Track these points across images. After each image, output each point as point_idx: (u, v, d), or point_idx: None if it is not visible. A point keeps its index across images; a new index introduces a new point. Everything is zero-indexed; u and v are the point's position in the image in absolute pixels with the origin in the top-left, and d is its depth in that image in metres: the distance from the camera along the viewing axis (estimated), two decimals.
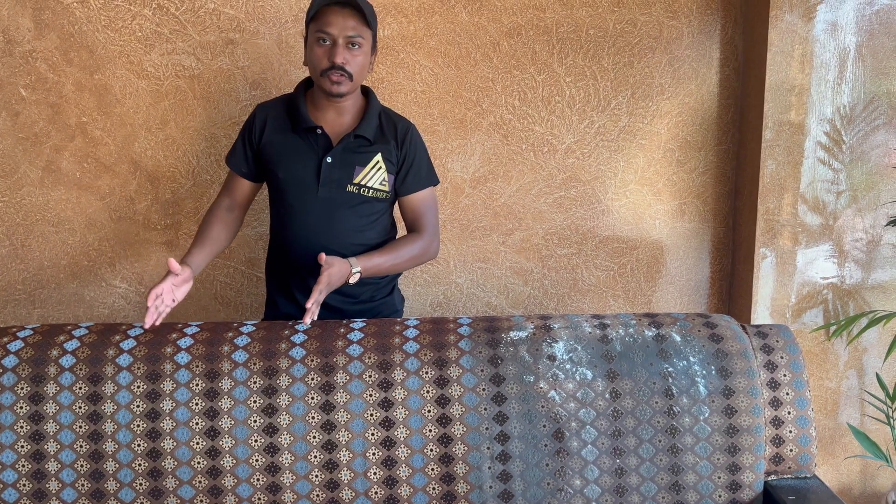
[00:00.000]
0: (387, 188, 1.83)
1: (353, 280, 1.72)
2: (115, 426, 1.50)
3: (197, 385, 1.52)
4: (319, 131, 1.79)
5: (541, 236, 2.39)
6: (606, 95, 2.32)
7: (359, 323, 1.67)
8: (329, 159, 1.79)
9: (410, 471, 1.51)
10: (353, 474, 1.51)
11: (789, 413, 1.59)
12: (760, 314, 2.28)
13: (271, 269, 1.93)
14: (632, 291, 2.44)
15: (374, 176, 1.81)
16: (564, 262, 2.41)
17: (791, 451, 1.59)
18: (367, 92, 1.87)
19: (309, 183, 1.79)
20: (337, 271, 1.68)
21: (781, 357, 1.63)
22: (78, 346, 1.56)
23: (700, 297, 2.46)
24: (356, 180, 1.80)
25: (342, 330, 1.63)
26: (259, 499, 1.50)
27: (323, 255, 1.66)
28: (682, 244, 2.42)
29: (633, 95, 2.32)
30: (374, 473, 1.51)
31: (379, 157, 1.82)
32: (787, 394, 1.60)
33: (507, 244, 2.39)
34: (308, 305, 1.61)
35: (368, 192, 1.81)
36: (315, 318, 1.65)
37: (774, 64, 2.16)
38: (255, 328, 1.64)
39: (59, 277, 2.32)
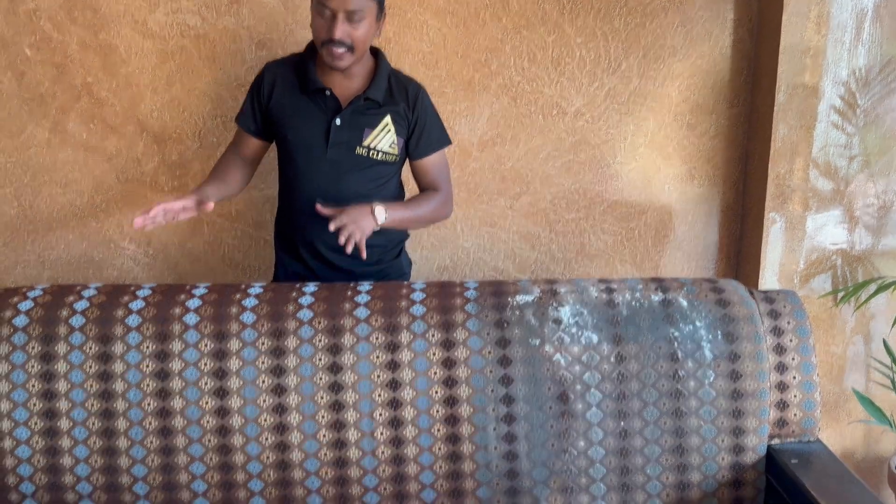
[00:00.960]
0: (395, 151, 1.82)
1: (378, 217, 1.70)
2: (126, 385, 1.52)
3: (206, 346, 1.54)
4: (328, 93, 1.78)
5: (548, 200, 2.38)
6: (617, 57, 2.28)
7: (366, 286, 1.67)
8: (338, 122, 1.77)
9: (417, 431, 1.53)
10: (360, 434, 1.53)
11: (794, 378, 1.60)
12: (768, 279, 2.28)
13: (279, 230, 1.94)
14: (639, 256, 2.43)
15: (384, 139, 1.80)
16: (572, 227, 2.40)
17: (795, 415, 1.60)
18: (376, 53, 1.85)
19: (317, 145, 1.78)
20: (353, 209, 1.66)
21: (788, 322, 1.63)
22: (87, 307, 1.58)
23: (708, 262, 2.45)
24: (365, 143, 1.79)
25: (349, 293, 1.64)
26: (268, 457, 1.52)
27: (319, 206, 1.66)
28: (690, 209, 2.41)
29: (644, 57, 2.28)
30: (381, 433, 1.53)
31: (388, 119, 1.80)
32: (793, 359, 1.60)
33: (514, 208, 2.38)
34: (331, 228, 1.62)
35: (377, 155, 1.80)
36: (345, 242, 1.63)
37: (790, 25, 2.12)
38: (263, 290, 1.64)
39: (68, 238, 2.33)
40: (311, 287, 1.66)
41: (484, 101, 2.30)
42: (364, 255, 1.64)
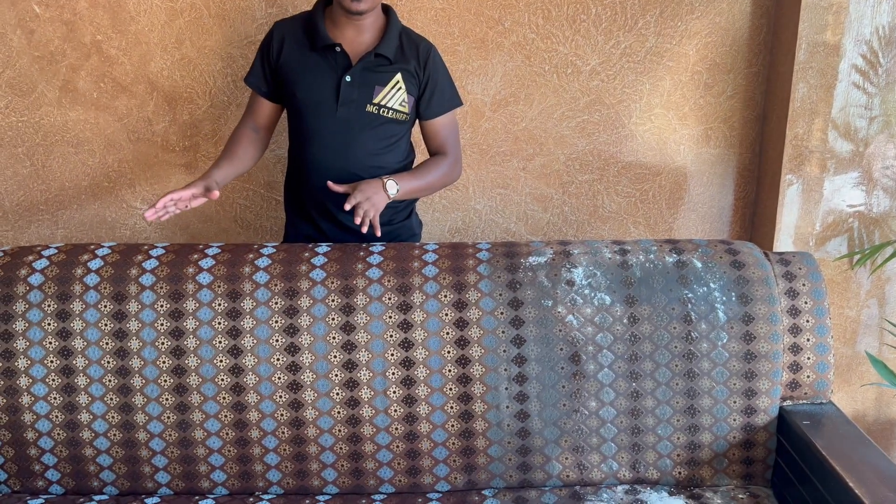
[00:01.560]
0: (406, 109, 1.80)
1: (391, 191, 1.68)
2: (141, 343, 1.53)
3: (219, 305, 1.55)
4: (338, 49, 1.75)
5: (562, 162, 2.35)
6: (634, 14, 2.23)
7: (378, 247, 1.67)
8: (348, 78, 1.75)
9: (429, 390, 1.54)
10: (372, 393, 1.54)
11: (808, 340, 1.59)
12: (783, 242, 2.25)
13: (289, 191, 1.93)
14: (653, 219, 2.41)
15: (394, 96, 1.78)
16: (585, 189, 2.38)
17: (808, 377, 1.60)
18: (387, 10, 1.82)
19: (327, 103, 1.76)
20: (365, 185, 1.65)
21: (803, 284, 1.62)
22: (102, 266, 1.58)
23: (723, 225, 2.43)
24: (375, 100, 1.77)
25: (362, 253, 1.64)
26: (282, 415, 1.54)
27: (330, 183, 1.65)
28: (706, 170, 2.37)
29: (661, 14, 2.23)
30: (394, 392, 1.54)
31: (399, 76, 1.78)
32: (807, 321, 1.60)
33: (527, 170, 2.36)
34: (346, 207, 1.60)
35: (388, 113, 1.78)
36: (365, 223, 1.61)
37: None
38: (275, 250, 1.65)
39: (81, 198, 2.33)
40: (323, 247, 1.66)
41: (497, 60, 2.26)
42: (379, 232, 1.63)
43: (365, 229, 1.60)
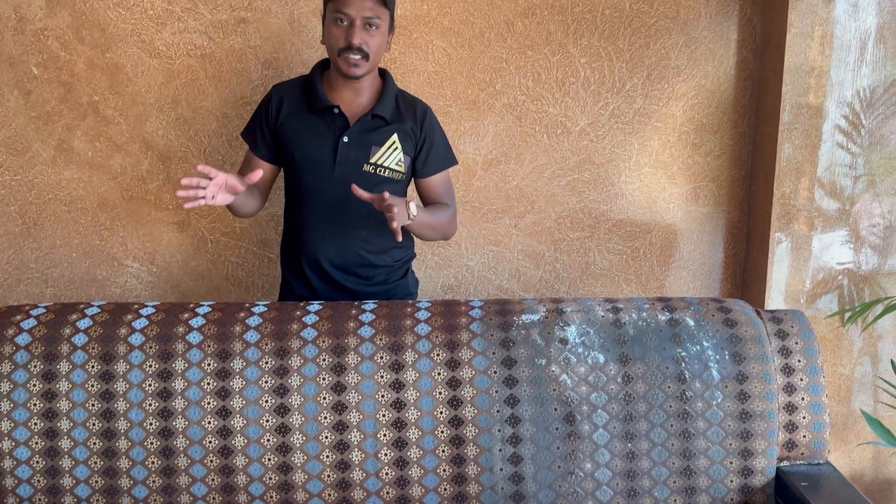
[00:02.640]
0: (402, 169, 1.83)
1: (412, 211, 1.68)
2: (128, 405, 1.51)
3: (209, 365, 1.53)
4: (336, 111, 1.78)
5: (553, 219, 2.37)
6: (622, 77, 2.29)
7: (370, 304, 1.66)
8: (346, 139, 1.78)
9: (421, 453, 1.52)
10: (363, 456, 1.51)
11: (803, 399, 1.58)
12: (774, 299, 2.26)
13: (285, 251, 1.93)
14: (644, 276, 2.42)
15: (391, 156, 1.81)
16: (577, 246, 2.39)
17: (804, 437, 1.58)
18: (383, 73, 1.87)
19: (325, 163, 1.78)
20: (392, 196, 1.64)
21: (796, 342, 1.62)
22: (90, 325, 1.57)
23: (713, 282, 2.44)
24: (372, 160, 1.79)
25: (354, 311, 1.63)
26: (270, 479, 1.50)
27: (354, 187, 1.64)
28: (696, 228, 2.40)
29: (648, 77, 2.29)
30: (385, 455, 1.51)
31: (395, 137, 1.81)
32: (802, 379, 1.59)
33: (519, 227, 2.38)
34: (369, 197, 1.61)
35: (384, 173, 1.80)
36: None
37: (794, 45, 2.13)
38: (266, 309, 1.64)
39: (72, 257, 2.32)
40: (315, 306, 1.65)
41: (489, 121, 2.30)
42: (399, 237, 1.63)
43: (394, 225, 1.59)
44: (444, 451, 1.52)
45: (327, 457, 1.51)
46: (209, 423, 1.50)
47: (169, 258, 2.34)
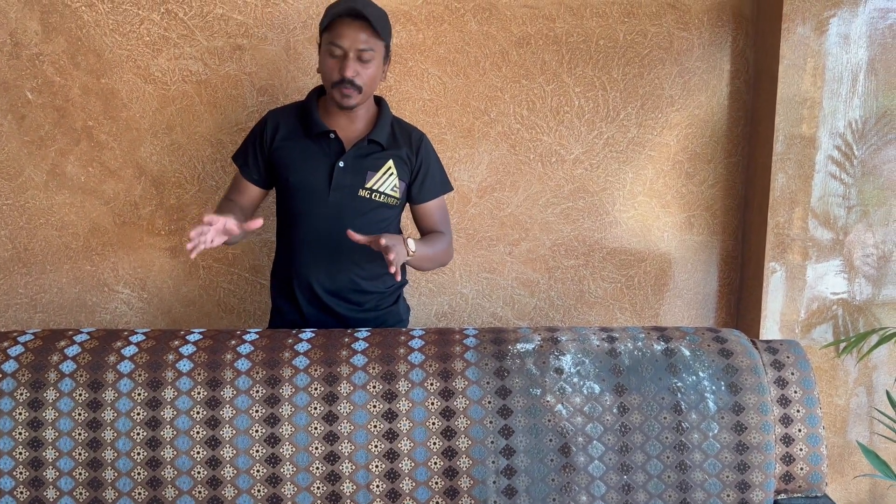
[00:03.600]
0: (397, 195, 1.82)
1: (410, 247, 1.68)
2: (115, 434, 1.48)
3: (198, 393, 1.50)
4: (332, 136, 1.78)
5: (548, 247, 2.37)
6: (616, 106, 2.30)
7: (363, 332, 1.65)
8: (341, 164, 1.78)
9: (414, 484, 1.49)
10: (355, 486, 1.48)
11: (800, 431, 1.57)
12: (769, 329, 2.25)
13: (276, 276, 1.92)
14: (639, 304, 2.41)
15: (386, 181, 1.80)
16: (571, 274, 2.39)
17: (802, 469, 1.56)
18: (379, 101, 1.87)
19: (320, 188, 1.78)
20: (389, 235, 1.63)
21: (792, 373, 1.61)
22: (79, 352, 1.54)
23: (708, 311, 2.43)
24: (368, 185, 1.79)
25: (346, 339, 1.61)
26: None
27: (350, 232, 1.61)
28: (690, 257, 2.40)
29: (642, 107, 2.30)
30: (377, 486, 1.49)
31: (391, 163, 1.81)
32: (798, 411, 1.57)
33: (513, 255, 2.37)
34: (382, 241, 1.58)
35: (379, 198, 1.80)
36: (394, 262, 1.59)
37: (786, 77, 2.15)
38: (258, 336, 1.62)
39: (62, 282, 2.30)
40: (307, 333, 1.63)
41: (483, 149, 2.31)
42: (399, 277, 1.63)
43: (393, 269, 1.58)
44: (437, 482, 1.49)
45: (318, 488, 1.48)
46: (198, 453, 1.48)
47: (160, 284, 2.32)
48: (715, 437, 1.52)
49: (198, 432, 1.48)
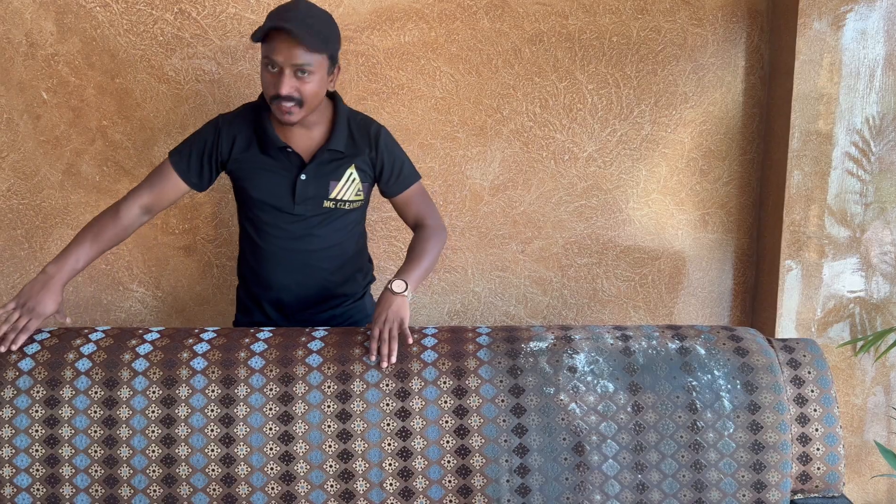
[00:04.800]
0: (362, 197, 1.80)
1: (404, 294, 1.63)
2: (130, 431, 1.49)
3: (213, 391, 1.51)
4: (290, 150, 1.73)
5: (561, 245, 2.36)
6: (629, 103, 2.29)
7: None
8: (303, 177, 1.74)
9: (427, 482, 1.49)
10: (368, 485, 1.48)
11: (817, 430, 1.55)
12: (785, 328, 2.23)
13: (244, 281, 1.89)
14: (653, 303, 2.40)
15: (349, 188, 1.78)
16: (584, 272, 2.38)
17: (818, 469, 1.55)
18: (333, 96, 1.79)
19: (284, 202, 1.75)
20: (384, 313, 1.59)
21: (809, 372, 1.59)
22: (94, 350, 1.55)
23: (723, 310, 2.41)
24: (332, 195, 1.76)
25: (359, 338, 1.61)
26: None
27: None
28: (704, 255, 2.38)
29: (656, 104, 2.29)
30: (391, 485, 1.49)
31: (352, 169, 1.77)
32: (815, 410, 1.56)
33: (526, 253, 2.36)
34: (372, 348, 1.54)
35: (345, 206, 1.78)
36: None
37: (802, 72, 2.12)
38: (272, 334, 1.62)
39: (77, 281, 2.32)
40: (320, 332, 1.64)
41: (496, 146, 2.30)
42: (410, 339, 1.58)
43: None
44: (450, 480, 1.49)
45: (332, 486, 1.48)
46: (212, 450, 1.48)
47: (174, 283, 2.33)
48: (730, 436, 1.51)
49: (212, 430, 1.49)
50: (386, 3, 2.21)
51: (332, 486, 1.48)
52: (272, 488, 1.48)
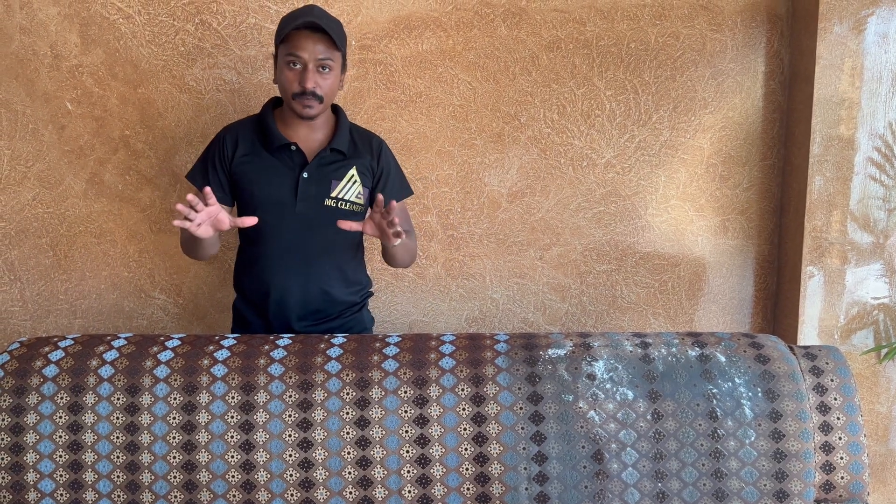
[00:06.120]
0: (361, 201, 1.84)
1: (396, 242, 1.67)
2: (152, 437, 1.50)
3: (232, 398, 1.52)
4: (293, 148, 1.78)
5: (579, 252, 2.35)
6: (647, 109, 2.28)
7: (394, 337, 1.65)
8: (305, 175, 1.78)
9: (445, 490, 1.49)
10: (387, 492, 1.49)
11: (840, 438, 1.53)
12: (807, 335, 2.21)
13: (241, 288, 1.91)
14: (673, 310, 2.38)
15: (350, 189, 1.81)
16: (603, 279, 2.37)
17: (842, 478, 1.53)
18: (336, 110, 1.88)
19: (286, 200, 1.78)
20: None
21: (832, 380, 1.57)
22: (117, 357, 1.57)
23: (744, 317, 2.39)
24: (333, 194, 1.80)
25: (378, 344, 1.62)
26: None
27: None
28: (725, 262, 2.36)
29: (675, 109, 2.28)
30: (409, 492, 1.49)
31: (354, 170, 1.82)
32: (838, 418, 1.54)
33: (544, 259, 2.36)
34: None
35: (345, 206, 1.81)
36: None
37: (823, 77, 2.10)
38: (291, 341, 1.63)
39: (100, 288, 2.35)
40: (339, 338, 1.65)
41: (514, 153, 2.30)
42: (397, 240, 1.65)
43: (396, 238, 1.63)
44: (468, 488, 1.49)
45: (350, 493, 1.49)
46: (232, 456, 1.49)
47: (195, 290, 2.36)
48: (752, 445, 1.49)
49: (232, 436, 1.50)
50: (404, 12, 2.23)
51: (350, 492, 1.49)
52: (291, 495, 1.49)
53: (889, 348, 2.13)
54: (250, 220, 1.63)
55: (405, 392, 1.52)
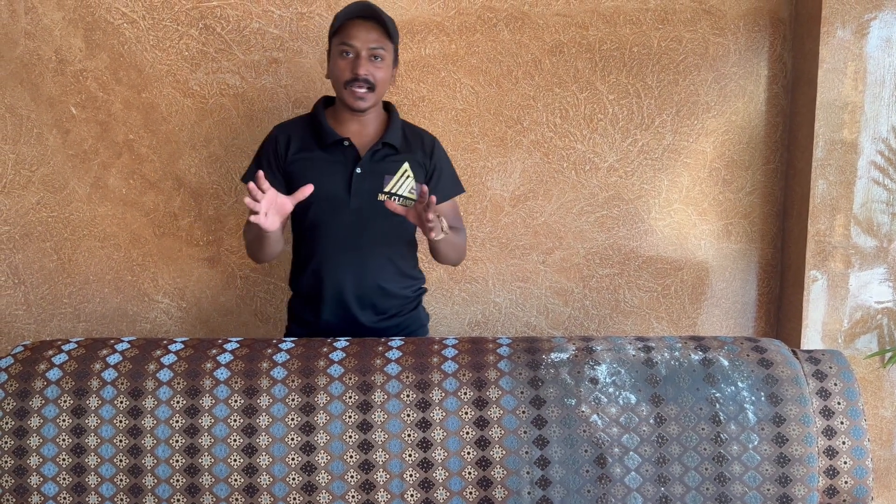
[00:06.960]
0: (415, 196, 1.83)
1: (445, 226, 1.69)
2: (155, 441, 1.50)
3: (235, 402, 1.52)
4: (346, 143, 1.79)
5: (582, 256, 2.35)
6: (650, 113, 2.28)
7: (397, 341, 1.65)
8: (359, 170, 1.79)
9: (448, 493, 1.48)
10: (389, 496, 1.48)
11: (844, 443, 1.52)
12: (811, 339, 2.20)
13: (300, 288, 1.91)
14: (676, 314, 2.38)
15: (404, 184, 1.81)
16: (606, 283, 2.37)
17: (846, 483, 1.52)
18: (388, 107, 1.88)
19: (340, 196, 1.79)
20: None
21: (835, 384, 1.57)
22: (120, 361, 1.58)
23: (747, 321, 2.39)
24: (386, 189, 1.80)
25: (381, 348, 1.62)
26: None
27: (389, 202, 1.67)
28: (728, 265, 2.36)
29: (677, 113, 2.28)
30: (411, 496, 1.49)
31: (406, 165, 1.82)
32: (842, 423, 1.53)
33: (547, 263, 2.36)
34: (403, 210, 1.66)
35: (398, 201, 1.81)
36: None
37: (826, 81, 2.10)
38: (294, 345, 1.63)
39: (104, 292, 2.35)
40: (342, 342, 1.65)
41: (516, 157, 2.30)
42: (437, 234, 1.66)
43: (433, 234, 1.65)
44: (471, 492, 1.49)
45: (353, 497, 1.49)
46: (235, 460, 1.49)
47: (199, 294, 2.36)
48: (755, 449, 1.49)
49: (234, 440, 1.50)
50: (407, 17, 2.24)
51: (353, 496, 1.49)
52: (294, 498, 1.49)
53: (893, 352, 2.12)
54: (308, 189, 1.61)
55: (408, 396, 1.53)
